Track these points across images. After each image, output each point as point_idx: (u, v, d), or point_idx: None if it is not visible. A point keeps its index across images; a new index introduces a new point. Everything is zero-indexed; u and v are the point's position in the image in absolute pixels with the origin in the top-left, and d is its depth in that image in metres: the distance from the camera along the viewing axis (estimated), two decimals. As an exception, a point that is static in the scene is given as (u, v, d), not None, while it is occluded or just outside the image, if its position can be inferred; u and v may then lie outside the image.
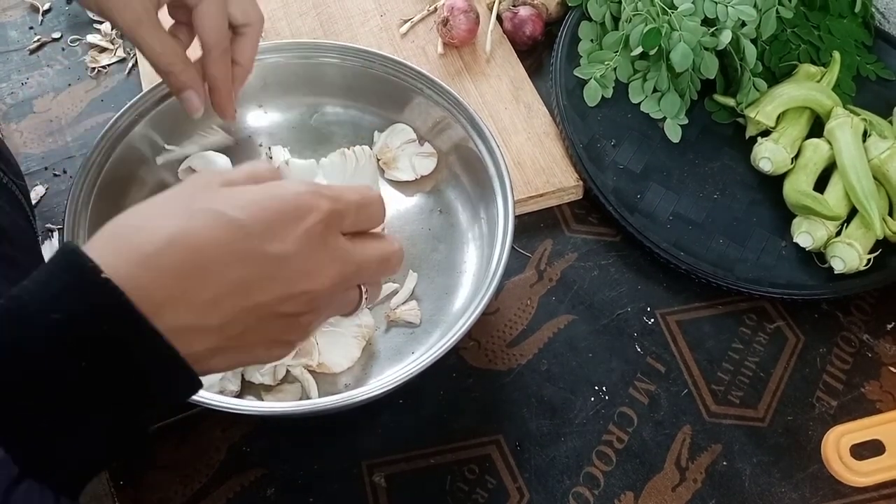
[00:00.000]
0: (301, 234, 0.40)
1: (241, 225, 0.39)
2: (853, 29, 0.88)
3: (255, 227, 0.39)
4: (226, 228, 0.38)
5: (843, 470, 0.60)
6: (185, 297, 0.37)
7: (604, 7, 0.85)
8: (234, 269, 0.38)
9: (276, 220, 0.40)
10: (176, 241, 0.37)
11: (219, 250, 0.38)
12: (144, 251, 0.37)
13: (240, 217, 0.39)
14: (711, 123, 0.84)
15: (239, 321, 0.39)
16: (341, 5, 0.90)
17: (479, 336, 0.70)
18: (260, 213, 0.39)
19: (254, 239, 0.39)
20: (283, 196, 0.40)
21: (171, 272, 0.37)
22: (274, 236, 0.39)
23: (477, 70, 0.85)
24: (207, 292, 0.38)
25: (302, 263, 0.40)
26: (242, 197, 0.40)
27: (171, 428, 0.64)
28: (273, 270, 0.39)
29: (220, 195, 0.40)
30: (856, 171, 0.74)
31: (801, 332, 0.72)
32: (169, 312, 0.37)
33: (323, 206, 0.41)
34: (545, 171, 0.78)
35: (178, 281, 0.37)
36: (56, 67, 0.88)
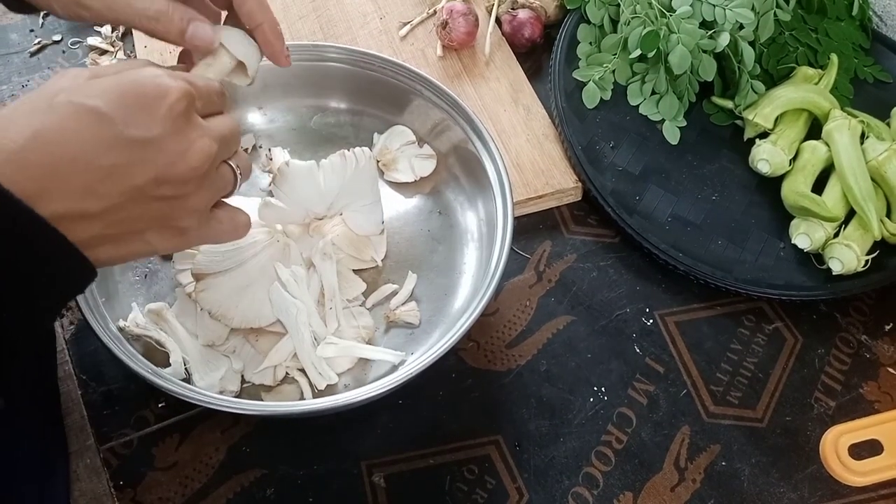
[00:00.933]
0: (164, 114, 0.42)
1: (102, 113, 0.40)
2: (851, 32, 0.89)
3: (117, 114, 0.40)
4: (87, 118, 0.40)
5: (842, 469, 0.60)
6: (57, 187, 0.39)
7: (602, 10, 0.86)
8: (102, 157, 0.40)
9: (137, 104, 0.41)
10: (39, 135, 0.39)
11: (83, 140, 0.39)
12: (10, 148, 0.38)
13: (99, 105, 0.40)
14: (710, 125, 0.84)
15: (119, 206, 0.41)
16: (341, 8, 0.91)
17: (479, 337, 0.70)
18: (119, 98, 0.41)
19: (117, 125, 0.40)
20: (141, 80, 0.42)
21: (38, 166, 0.38)
22: (137, 120, 0.41)
23: (476, 72, 0.86)
24: (79, 180, 0.39)
25: (170, 143, 0.42)
26: (100, 85, 0.41)
27: (171, 429, 0.64)
28: (142, 153, 0.41)
29: (81, 87, 0.41)
30: (853, 173, 0.74)
31: (800, 332, 0.72)
32: (43, 202, 0.38)
33: (180, 87, 0.43)
34: (544, 173, 0.78)
35: (46, 173, 0.38)
36: (57, 69, 0.88)
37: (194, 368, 0.62)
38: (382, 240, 0.71)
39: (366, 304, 0.68)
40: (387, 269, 0.70)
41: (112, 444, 0.63)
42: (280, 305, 0.63)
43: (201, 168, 0.44)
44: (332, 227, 0.69)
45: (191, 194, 0.44)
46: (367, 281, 0.69)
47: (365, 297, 0.68)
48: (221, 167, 0.48)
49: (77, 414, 0.64)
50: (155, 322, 0.64)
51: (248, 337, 0.64)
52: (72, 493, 0.61)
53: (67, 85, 0.41)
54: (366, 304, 0.68)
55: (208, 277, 0.63)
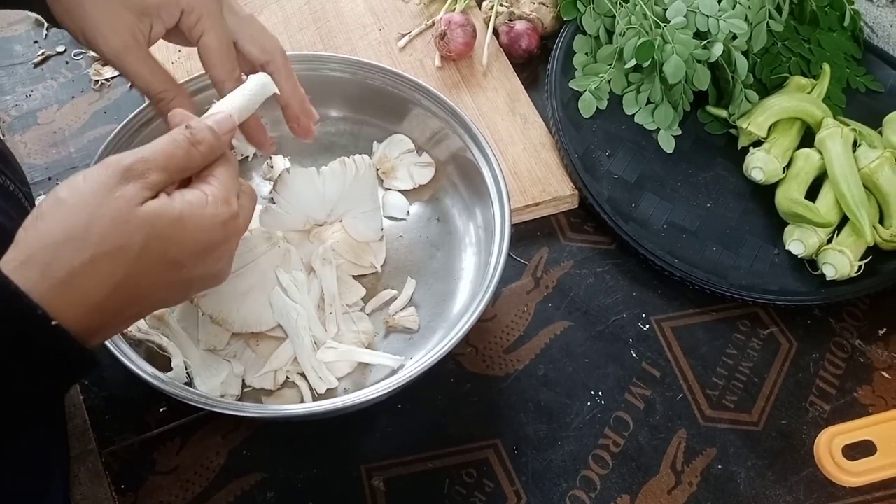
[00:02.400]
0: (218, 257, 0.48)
1: (178, 262, 0.45)
2: (843, 42, 0.90)
3: (186, 261, 0.45)
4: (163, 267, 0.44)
5: (836, 470, 0.60)
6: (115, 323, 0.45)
7: (598, 21, 0.87)
8: (159, 294, 0.46)
9: (203, 251, 0.46)
10: (121, 287, 0.42)
11: (155, 286, 0.45)
12: (92, 300, 0.42)
13: (178, 256, 0.45)
14: (704, 134, 0.85)
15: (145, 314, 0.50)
16: (341, 20, 0.92)
17: (477, 342, 0.70)
18: (194, 246, 0.45)
19: (186, 270, 0.45)
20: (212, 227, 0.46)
21: (113, 311, 0.43)
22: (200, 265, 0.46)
23: (474, 82, 0.87)
24: (131, 313, 0.46)
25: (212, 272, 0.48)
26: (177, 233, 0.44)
27: (172, 433, 0.64)
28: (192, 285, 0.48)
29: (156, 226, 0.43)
30: (846, 180, 0.75)
31: (794, 337, 0.73)
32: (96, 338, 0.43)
33: (240, 229, 0.49)
34: (541, 181, 0.79)
35: (115, 315, 0.44)
36: (60, 80, 0.89)
37: (196, 373, 0.63)
38: (382, 246, 0.72)
39: (365, 310, 0.68)
40: (386, 275, 0.71)
41: (113, 448, 0.64)
42: (281, 310, 0.64)
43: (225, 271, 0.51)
44: (332, 234, 0.70)
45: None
46: (367, 286, 0.69)
47: (364, 303, 0.69)
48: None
49: (79, 418, 0.65)
50: (157, 327, 0.64)
51: (249, 341, 0.65)
52: (73, 497, 0.61)
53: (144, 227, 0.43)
54: (365, 310, 0.68)
55: (210, 283, 0.64)
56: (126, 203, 0.43)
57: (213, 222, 0.46)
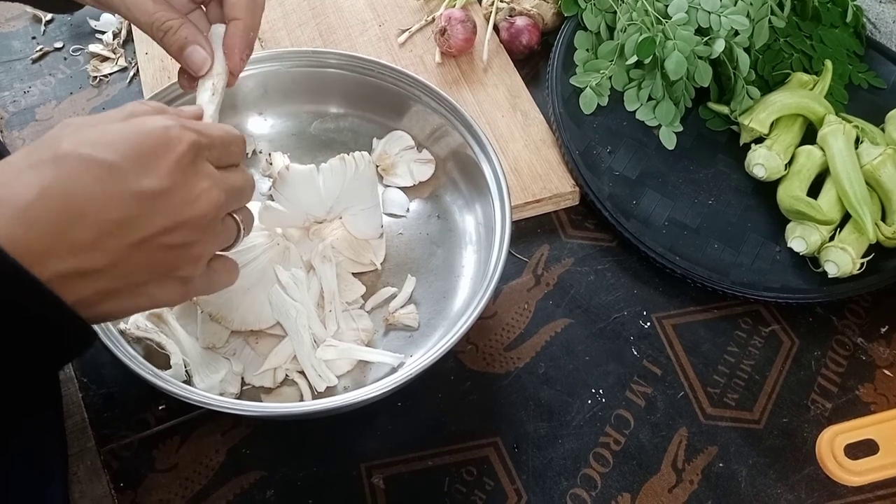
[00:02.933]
0: (172, 165, 0.41)
1: (111, 165, 0.39)
2: (845, 38, 0.89)
3: (126, 166, 0.40)
4: (96, 171, 0.39)
5: (838, 469, 0.60)
6: (65, 244, 0.38)
7: (599, 17, 0.87)
8: (111, 210, 0.39)
9: (146, 156, 0.40)
10: (46, 191, 0.38)
11: (92, 194, 0.39)
12: (17, 205, 0.37)
13: (108, 157, 0.39)
14: (706, 131, 0.85)
15: (125, 260, 0.40)
16: (340, 15, 0.92)
17: (477, 339, 0.70)
18: (128, 150, 0.40)
19: (126, 177, 0.40)
20: (150, 130, 0.41)
21: (47, 223, 0.37)
22: (146, 172, 0.40)
23: (474, 79, 0.86)
24: (86, 235, 0.38)
25: (178, 193, 0.42)
26: (108, 135, 0.40)
27: (172, 431, 0.64)
28: (151, 205, 0.41)
29: (86, 135, 0.40)
30: (848, 177, 0.75)
31: (796, 335, 0.73)
32: (51, 261, 0.37)
33: (189, 137, 0.43)
34: (542, 178, 0.79)
35: (55, 230, 0.38)
36: (58, 76, 0.89)
37: (195, 371, 0.62)
38: (381, 243, 0.71)
39: (365, 307, 0.68)
40: (386, 273, 0.71)
41: (112, 447, 0.63)
42: (280, 308, 0.64)
43: (208, 216, 0.44)
44: (331, 231, 0.69)
45: (196, 243, 0.44)
46: (367, 284, 0.69)
47: (364, 300, 0.68)
48: (226, 219, 0.48)
49: (78, 416, 0.64)
50: (156, 324, 0.64)
51: (249, 339, 0.65)
52: (72, 495, 0.61)
53: (72, 134, 0.40)
54: (365, 307, 0.68)
55: (209, 280, 0.63)
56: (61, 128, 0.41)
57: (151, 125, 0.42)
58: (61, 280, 0.38)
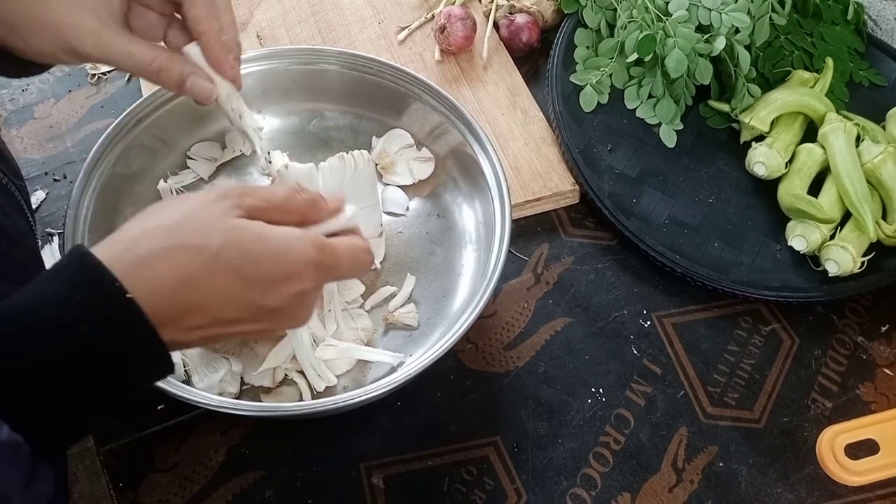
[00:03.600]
0: (295, 295, 0.46)
1: (249, 281, 0.45)
2: (846, 36, 0.89)
3: (260, 283, 0.45)
4: (235, 280, 0.44)
5: (838, 469, 0.60)
6: (182, 323, 0.44)
7: (599, 14, 0.86)
8: (228, 312, 0.45)
9: (280, 280, 0.45)
10: (190, 283, 0.43)
11: (221, 295, 0.44)
12: (162, 285, 0.43)
13: (249, 273, 0.44)
14: (706, 129, 0.84)
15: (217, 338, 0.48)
16: (339, 13, 0.91)
17: (477, 339, 0.70)
18: (267, 273, 0.45)
19: (255, 292, 0.45)
20: (295, 261, 0.46)
21: (179, 307, 0.43)
22: (272, 293, 0.45)
23: (474, 76, 0.86)
24: (201, 321, 0.45)
25: (287, 312, 0.47)
26: (258, 249, 0.45)
27: (171, 431, 0.64)
28: (261, 316, 0.46)
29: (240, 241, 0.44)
30: (849, 175, 0.75)
31: (796, 334, 0.72)
32: (167, 332, 0.43)
33: (320, 280, 0.48)
34: (542, 176, 0.78)
35: (181, 313, 0.44)
36: (56, 74, 0.88)
37: (194, 370, 0.62)
38: (381, 242, 0.71)
39: (364, 307, 0.68)
40: (385, 272, 0.70)
41: (112, 446, 0.63)
42: (279, 307, 0.64)
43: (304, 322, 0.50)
44: (330, 230, 0.69)
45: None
46: (366, 283, 0.69)
47: (364, 300, 0.68)
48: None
49: (77, 416, 0.64)
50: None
51: (248, 339, 0.65)
52: (71, 495, 0.61)
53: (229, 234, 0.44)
54: (364, 307, 0.68)
55: (208, 280, 0.63)
56: (220, 210, 0.45)
57: (298, 256, 0.46)
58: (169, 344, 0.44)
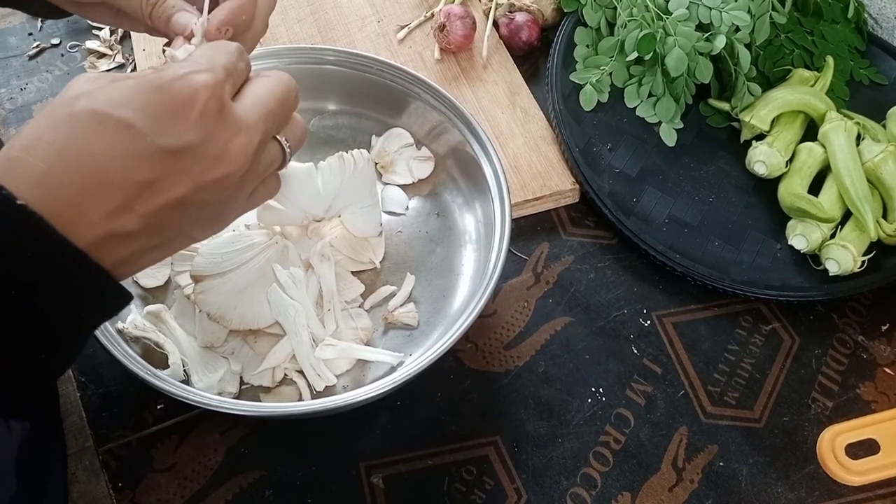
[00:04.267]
0: (195, 118, 0.38)
1: (129, 123, 0.37)
2: (846, 34, 0.89)
3: (145, 124, 0.37)
4: (114, 131, 0.37)
5: (838, 469, 0.60)
6: (93, 208, 0.36)
7: (599, 13, 0.86)
8: (135, 172, 0.37)
9: (165, 111, 0.38)
10: (66, 152, 0.36)
11: (113, 155, 0.37)
12: (39, 170, 0.36)
13: (126, 115, 0.37)
14: (706, 127, 0.84)
15: (160, 220, 0.39)
16: (339, 11, 0.91)
17: (477, 338, 0.70)
18: (147, 106, 0.37)
19: (146, 136, 0.37)
20: (166, 83, 0.38)
21: (70, 187, 0.36)
22: (167, 128, 0.38)
23: (474, 75, 0.86)
24: (114, 199, 0.37)
25: (207, 149, 0.39)
26: (122, 91, 0.38)
27: (170, 430, 0.64)
28: (177, 163, 0.38)
29: (102, 92, 0.38)
30: (850, 174, 0.75)
31: (797, 333, 0.72)
32: (81, 227, 0.36)
33: (208, 81, 0.39)
34: (542, 175, 0.78)
35: (80, 194, 0.36)
36: (55, 73, 0.88)
37: (193, 370, 0.62)
38: (381, 241, 0.71)
39: (364, 306, 0.68)
40: (385, 271, 0.70)
41: (111, 446, 0.63)
42: (279, 307, 0.63)
43: (242, 167, 0.41)
44: (330, 229, 0.69)
45: (233, 192, 0.41)
46: (366, 282, 0.69)
47: (363, 299, 0.68)
48: (268, 146, 0.44)
49: (76, 416, 0.64)
50: (154, 324, 0.64)
51: (247, 338, 0.64)
52: (70, 495, 0.61)
53: (86, 89, 0.38)
54: (364, 306, 0.68)
55: (207, 279, 0.63)
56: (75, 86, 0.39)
57: (165, 78, 0.38)
58: (95, 246, 0.37)
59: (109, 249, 0.37)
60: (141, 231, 0.38)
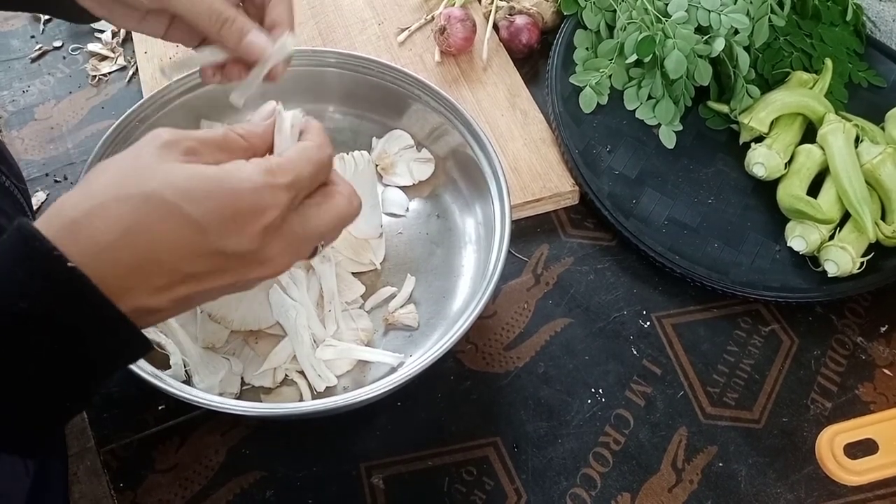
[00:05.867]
0: (258, 231, 0.40)
1: (197, 224, 0.39)
2: (845, 37, 0.89)
3: (211, 226, 0.39)
4: (181, 225, 0.39)
5: (837, 469, 0.60)
6: (140, 285, 0.39)
7: (598, 16, 0.87)
8: (187, 264, 0.39)
9: (233, 219, 0.40)
10: (131, 233, 0.38)
11: (174, 246, 0.39)
12: (101, 242, 0.38)
13: (196, 215, 0.39)
14: (705, 129, 0.85)
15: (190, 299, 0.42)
16: (339, 14, 0.91)
17: (477, 339, 0.70)
18: (216, 210, 0.39)
19: (209, 237, 0.39)
20: (241, 191, 0.40)
21: (127, 264, 0.38)
22: (230, 235, 0.40)
23: (474, 77, 0.86)
24: (161, 281, 0.39)
25: (257, 256, 0.41)
26: (199, 186, 0.39)
27: (171, 431, 0.64)
28: (226, 264, 0.41)
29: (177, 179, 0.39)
30: (848, 176, 0.75)
31: (796, 334, 0.73)
32: (125, 299, 0.38)
33: (281, 201, 0.41)
34: (541, 177, 0.79)
35: (133, 272, 0.38)
36: (57, 75, 0.88)
37: (194, 371, 0.62)
38: (381, 243, 0.71)
39: (364, 307, 0.68)
40: (385, 272, 0.71)
41: (112, 447, 0.63)
42: (280, 308, 0.64)
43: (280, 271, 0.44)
44: (331, 231, 0.69)
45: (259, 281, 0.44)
46: (366, 284, 0.69)
47: (364, 300, 0.68)
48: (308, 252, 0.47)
49: (77, 416, 0.64)
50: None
51: (248, 339, 0.65)
52: (72, 496, 0.61)
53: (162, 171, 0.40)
54: (364, 307, 0.68)
55: (208, 280, 0.63)
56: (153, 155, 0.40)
57: (243, 185, 0.40)
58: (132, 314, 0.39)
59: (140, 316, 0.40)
60: (172, 307, 0.41)
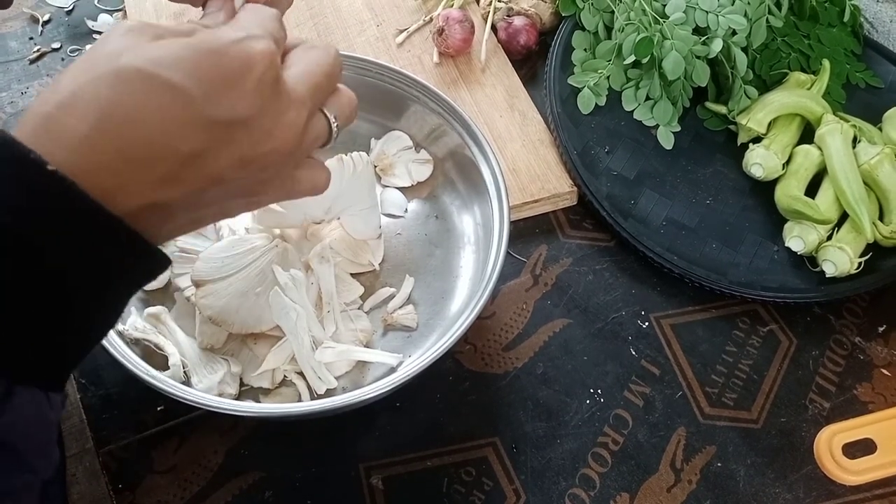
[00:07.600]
0: (251, 89, 0.36)
1: (180, 89, 0.34)
2: (842, 38, 0.90)
3: (197, 90, 0.34)
4: (163, 95, 0.34)
5: (836, 468, 0.60)
6: (134, 177, 0.34)
7: (597, 17, 0.87)
8: (182, 141, 0.34)
9: (219, 78, 0.35)
10: (109, 115, 0.33)
11: (160, 121, 0.34)
12: (78, 133, 0.33)
13: (177, 80, 0.34)
14: (703, 130, 0.85)
15: (200, 191, 0.36)
16: (338, 15, 0.92)
17: (476, 340, 0.70)
18: (198, 70, 0.34)
19: (197, 102, 0.34)
20: (221, 48, 0.35)
21: (112, 153, 0.33)
22: (221, 97, 0.35)
23: (472, 79, 0.86)
24: (158, 169, 0.34)
25: (259, 122, 0.36)
26: (171, 52, 0.34)
27: (170, 432, 0.64)
28: (226, 135, 0.36)
29: (150, 50, 0.34)
30: (846, 176, 0.75)
31: (794, 334, 0.73)
32: (120, 197, 0.34)
33: (265, 50, 0.36)
34: (540, 178, 0.79)
35: (121, 162, 0.33)
36: (54, 75, 0.88)
37: (193, 371, 0.62)
38: (380, 244, 0.71)
39: (363, 308, 0.68)
40: (384, 273, 0.71)
41: (111, 448, 0.63)
42: (280, 310, 0.64)
43: (291, 143, 0.38)
44: (329, 232, 0.69)
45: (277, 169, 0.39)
46: (365, 284, 0.69)
47: (362, 301, 0.68)
48: (314, 120, 0.41)
49: (76, 417, 0.64)
50: (154, 325, 0.64)
51: (247, 340, 0.65)
52: (70, 497, 0.61)
53: (128, 43, 0.34)
54: (363, 308, 0.68)
55: (208, 284, 0.63)
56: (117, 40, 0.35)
57: (221, 41, 0.35)
58: (134, 216, 0.34)
59: (146, 221, 0.35)
60: (181, 204, 0.36)
